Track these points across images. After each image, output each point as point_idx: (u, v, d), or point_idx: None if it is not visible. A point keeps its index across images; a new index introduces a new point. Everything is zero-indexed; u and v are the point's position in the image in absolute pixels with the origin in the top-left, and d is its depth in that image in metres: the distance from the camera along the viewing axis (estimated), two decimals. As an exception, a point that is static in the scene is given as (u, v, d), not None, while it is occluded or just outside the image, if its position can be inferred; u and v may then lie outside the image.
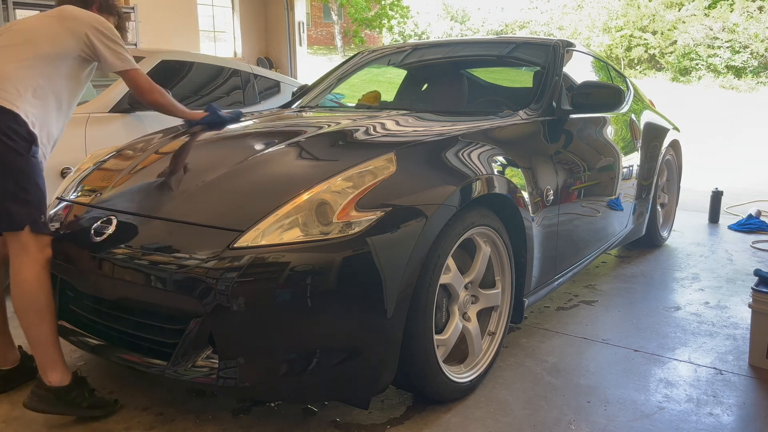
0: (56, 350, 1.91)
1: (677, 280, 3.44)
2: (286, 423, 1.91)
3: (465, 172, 1.98)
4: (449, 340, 1.99)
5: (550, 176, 2.46)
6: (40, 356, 1.90)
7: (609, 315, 2.88)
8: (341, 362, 1.68)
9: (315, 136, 2.25)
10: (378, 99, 3.40)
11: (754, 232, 4.56)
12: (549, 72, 2.88)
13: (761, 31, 23.76)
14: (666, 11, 26.70)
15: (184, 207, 1.90)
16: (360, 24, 27.57)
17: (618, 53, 27.61)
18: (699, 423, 1.94)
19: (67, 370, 1.92)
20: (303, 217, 1.69)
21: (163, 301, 1.76)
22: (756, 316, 2.34)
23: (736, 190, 6.35)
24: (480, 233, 2.05)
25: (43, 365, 1.89)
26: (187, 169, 2.14)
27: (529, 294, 2.37)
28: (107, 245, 1.85)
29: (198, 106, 4.13)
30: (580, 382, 2.19)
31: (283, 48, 11.20)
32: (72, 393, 1.90)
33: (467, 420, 1.93)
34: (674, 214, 4.40)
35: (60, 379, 1.89)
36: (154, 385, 2.11)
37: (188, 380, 1.70)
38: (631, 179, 3.38)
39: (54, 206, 2.23)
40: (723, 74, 24.40)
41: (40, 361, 1.90)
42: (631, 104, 3.73)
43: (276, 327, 1.63)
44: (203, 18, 10.50)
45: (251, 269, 1.61)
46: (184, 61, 4.18)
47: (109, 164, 2.36)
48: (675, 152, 4.23)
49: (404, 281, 1.70)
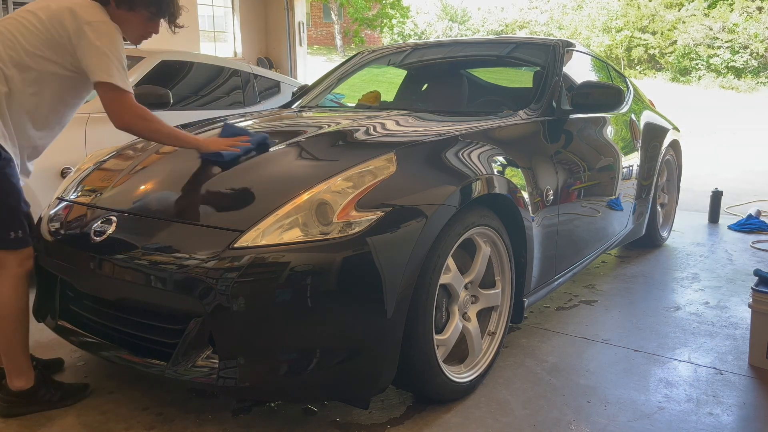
0: (25, 359, 1.96)
1: (677, 280, 3.44)
2: (286, 423, 1.91)
3: (465, 172, 1.98)
4: (449, 340, 1.99)
5: (550, 176, 2.46)
6: (8, 363, 1.95)
7: (609, 315, 2.88)
8: (341, 362, 1.68)
9: (315, 136, 2.25)
10: (378, 99, 3.40)
11: (754, 232, 4.56)
12: (549, 72, 2.88)
13: (761, 31, 23.77)
14: (666, 11, 26.72)
15: (184, 207, 1.90)
16: (360, 24, 27.58)
17: (618, 53, 27.62)
18: (699, 423, 1.94)
19: (32, 374, 1.97)
20: (303, 217, 1.69)
21: (163, 301, 1.76)
22: (756, 316, 2.35)
23: (736, 190, 6.35)
24: (480, 233, 2.05)
25: (9, 372, 1.95)
26: (187, 169, 2.14)
27: (529, 294, 2.37)
28: (107, 245, 1.85)
29: (198, 106, 4.14)
30: (580, 382, 2.19)
31: (283, 48, 11.21)
32: (39, 392, 1.96)
33: (467, 420, 1.93)
34: (674, 214, 4.40)
35: (25, 383, 1.95)
36: (154, 385, 2.11)
37: (188, 380, 1.70)
38: (631, 179, 3.38)
39: (54, 206, 2.23)
40: (723, 74, 24.42)
41: (8, 367, 1.95)
42: (631, 104, 3.74)
43: (276, 327, 1.63)
44: (203, 18, 10.51)
45: (251, 269, 1.61)
46: (184, 61, 4.19)
47: (109, 164, 2.36)
48: (675, 152, 4.23)
49: (404, 281, 1.70)
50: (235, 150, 2.05)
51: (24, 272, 1.93)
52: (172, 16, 2.07)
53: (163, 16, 2.05)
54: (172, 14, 2.06)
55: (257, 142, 2.11)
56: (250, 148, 2.08)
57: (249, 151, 2.07)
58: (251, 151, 2.08)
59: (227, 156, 2.03)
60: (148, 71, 3.78)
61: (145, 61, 3.84)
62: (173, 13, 2.06)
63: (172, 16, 2.06)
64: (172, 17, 2.07)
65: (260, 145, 2.11)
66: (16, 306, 1.91)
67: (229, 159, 2.02)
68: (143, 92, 3.50)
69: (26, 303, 1.95)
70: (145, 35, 2.08)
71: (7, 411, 1.93)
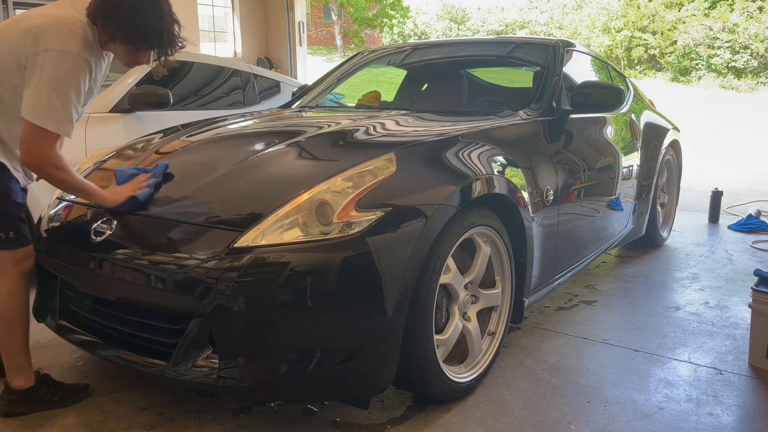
0: (25, 358, 1.96)
1: (677, 280, 3.44)
2: (286, 423, 1.91)
3: (465, 172, 1.98)
4: (449, 340, 1.99)
5: (550, 176, 2.46)
6: (7, 363, 1.95)
7: (609, 315, 2.88)
8: (341, 362, 1.68)
9: (315, 136, 2.25)
10: (378, 99, 3.40)
11: (754, 232, 4.57)
12: (549, 72, 2.88)
13: (761, 31, 23.77)
14: (666, 11, 26.72)
15: (185, 207, 1.90)
16: (360, 24, 27.59)
17: (618, 53, 27.62)
18: (699, 423, 1.94)
19: (32, 374, 1.98)
20: (303, 217, 1.69)
21: (163, 301, 1.76)
22: (756, 316, 2.35)
23: (736, 190, 6.35)
24: (480, 233, 2.05)
25: (9, 371, 1.96)
26: (187, 169, 2.14)
27: (529, 294, 2.37)
28: (107, 245, 1.85)
29: (198, 106, 4.14)
30: (580, 382, 2.19)
31: (283, 48, 11.21)
32: (40, 391, 1.97)
33: (467, 420, 1.93)
34: (674, 214, 4.40)
35: (25, 382, 1.95)
36: (154, 385, 2.11)
37: (188, 380, 1.70)
38: (631, 179, 3.38)
39: (54, 206, 2.23)
40: (723, 74, 24.42)
41: (8, 366, 1.95)
42: (631, 104, 3.74)
43: (276, 327, 1.63)
44: (203, 18, 10.51)
45: (251, 269, 1.61)
46: (184, 61, 4.19)
47: (109, 164, 2.36)
48: (675, 152, 4.23)
49: (404, 281, 1.70)
50: (145, 190, 1.96)
51: (21, 272, 1.92)
52: (162, 52, 1.88)
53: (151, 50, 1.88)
54: (162, 49, 1.87)
55: (159, 173, 2.05)
56: (157, 182, 2.02)
57: (158, 185, 2.02)
58: (159, 183, 2.02)
59: (141, 197, 1.94)
60: (148, 71, 3.78)
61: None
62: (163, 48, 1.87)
63: (162, 50, 1.88)
64: (162, 53, 1.89)
65: (164, 174, 2.05)
66: (13, 305, 1.91)
67: (143, 200, 1.95)
68: (143, 92, 3.51)
69: (25, 302, 1.94)
70: (136, 63, 1.93)
71: (6, 410, 1.93)
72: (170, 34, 1.86)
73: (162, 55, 1.90)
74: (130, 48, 1.85)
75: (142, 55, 1.89)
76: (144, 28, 1.81)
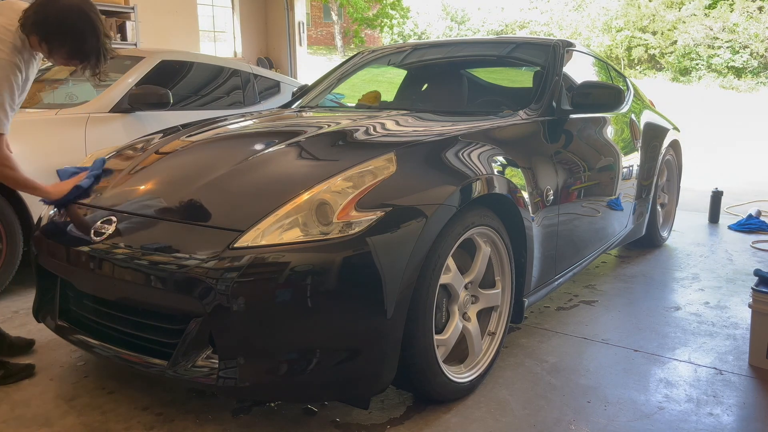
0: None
1: (677, 280, 3.44)
2: (286, 423, 1.91)
3: (465, 172, 1.98)
4: (449, 340, 1.99)
5: (550, 176, 2.46)
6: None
7: (609, 315, 2.88)
8: (341, 362, 1.68)
9: (315, 136, 2.25)
10: (378, 99, 3.40)
11: (754, 232, 4.56)
12: (549, 72, 2.88)
13: (761, 31, 23.77)
14: (666, 11, 26.72)
15: (184, 207, 1.90)
16: (360, 24, 27.59)
17: (618, 53, 27.62)
18: (699, 423, 1.94)
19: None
20: (303, 217, 1.69)
21: (163, 301, 1.76)
22: (756, 316, 2.34)
23: (736, 190, 6.35)
24: (480, 233, 2.05)
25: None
26: (187, 169, 2.14)
27: (529, 294, 2.37)
28: (107, 245, 1.85)
29: (198, 106, 4.14)
30: (580, 382, 2.19)
31: (283, 48, 11.20)
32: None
33: (467, 420, 1.93)
34: (674, 214, 4.40)
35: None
36: (154, 385, 2.11)
37: (188, 380, 1.70)
38: (631, 179, 3.38)
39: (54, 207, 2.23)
40: (723, 74, 24.42)
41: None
42: (631, 104, 3.73)
43: (276, 327, 1.63)
44: (203, 18, 10.49)
45: (251, 269, 1.61)
46: (184, 61, 4.19)
47: (109, 164, 2.36)
48: (675, 152, 4.23)
49: (404, 281, 1.70)
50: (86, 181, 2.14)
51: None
52: (97, 65, 2.03)
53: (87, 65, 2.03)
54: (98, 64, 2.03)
55: (99, 167, 2.25)
56: (97, 173, 2.22)
57: (98, 177, 2.22)
58: (99, 176, 2.22)
59: (85, 185, 2.14)
60: (148, 71, 3.78)
61: (145, 61, 3.83)
62: (99, 63, 2.03)
63: (97, 64, 2.03)
64: (97, 66, 2.04)
65: (103, 170, 2.26)
66: None
67: (87, 187, 2.15)
68: (143, 92, 3.50)
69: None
70: (70, 66, 2.07)
71: None
72: (105, 50, 2.02)
73: (96, 68, 2.05)
74: (67, 62, 2.02)
75: (77, 65, 2.05)
76: (83, 49, 1.99)
